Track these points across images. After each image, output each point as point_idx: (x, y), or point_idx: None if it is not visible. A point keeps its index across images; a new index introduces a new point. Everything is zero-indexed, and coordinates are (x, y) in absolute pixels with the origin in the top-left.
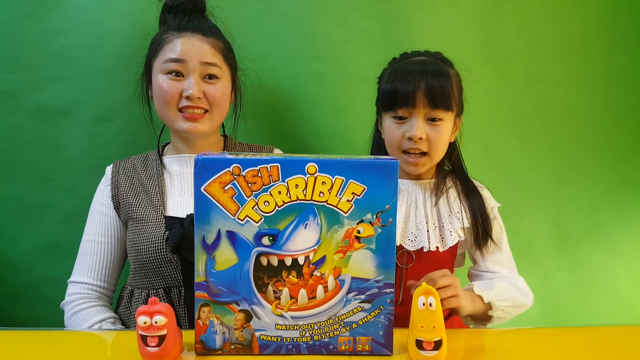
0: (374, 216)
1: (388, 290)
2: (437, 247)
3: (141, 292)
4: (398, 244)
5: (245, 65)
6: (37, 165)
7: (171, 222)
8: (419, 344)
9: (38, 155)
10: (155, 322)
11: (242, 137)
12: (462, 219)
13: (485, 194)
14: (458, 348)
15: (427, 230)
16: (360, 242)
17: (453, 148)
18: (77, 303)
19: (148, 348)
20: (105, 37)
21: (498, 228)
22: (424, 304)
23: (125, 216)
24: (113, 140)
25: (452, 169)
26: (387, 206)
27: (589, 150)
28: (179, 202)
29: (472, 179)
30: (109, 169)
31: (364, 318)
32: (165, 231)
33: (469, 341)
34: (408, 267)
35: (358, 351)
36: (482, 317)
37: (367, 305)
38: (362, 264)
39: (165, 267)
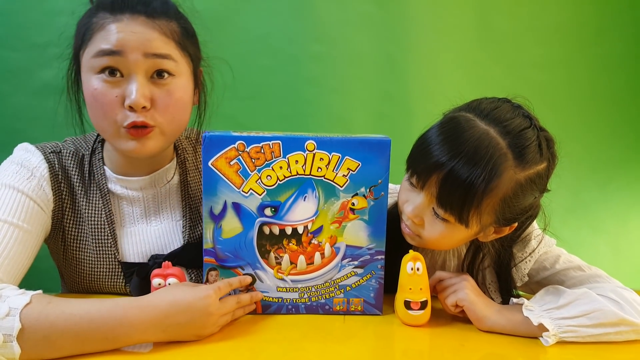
0: (367, 190)
1: (379, 257)
2: None
3: None
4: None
5: (241, 48)
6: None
7: (129, 270)
8: (407, 304)
9: (44, 132)
10: (169, 284)
11: (242, 118)
12: (494, 290)
13: (531, 246)
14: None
15: None
16: (354, 214)
17: (484, 248)
18: None
19: None
20: None
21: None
22: (412, 269)
23: (64, 245)
24: None
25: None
26: (379, 180)
27: (575, 132)
28: (133, 232)
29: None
30: (41, 163)
31: (357, 282)
32: (125, 282)
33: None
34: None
35: (351, 311)
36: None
37: (359, 270)
38: (356, 233)
39: None
